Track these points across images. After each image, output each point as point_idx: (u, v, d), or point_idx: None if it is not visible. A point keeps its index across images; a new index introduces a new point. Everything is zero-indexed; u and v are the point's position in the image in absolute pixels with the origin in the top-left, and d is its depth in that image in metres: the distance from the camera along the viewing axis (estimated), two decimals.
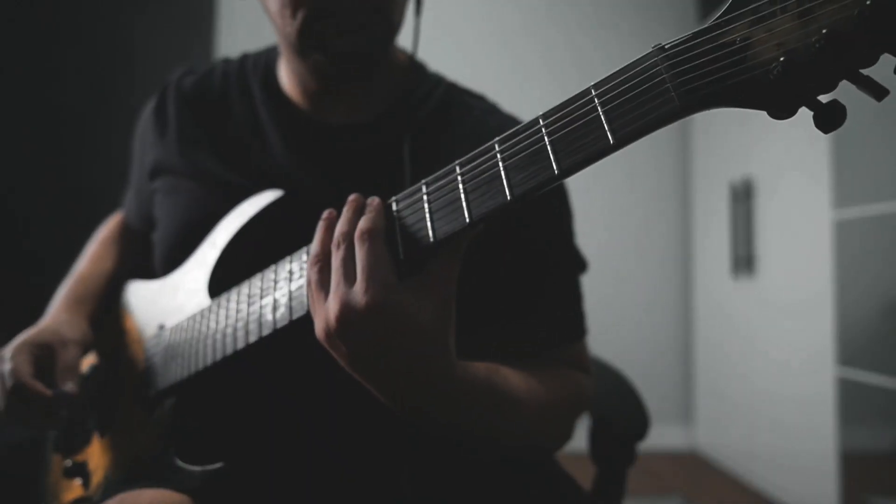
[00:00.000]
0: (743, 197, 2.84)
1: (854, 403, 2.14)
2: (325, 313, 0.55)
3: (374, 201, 0.58)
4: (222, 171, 0.82)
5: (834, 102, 0.41)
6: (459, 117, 0.83)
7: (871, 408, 2.06)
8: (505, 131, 0.52)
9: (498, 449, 0.71)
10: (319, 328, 0.56)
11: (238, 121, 0.84)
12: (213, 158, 0.83)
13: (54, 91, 2.15)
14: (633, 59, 0.49)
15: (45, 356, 0.77)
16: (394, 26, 0.77)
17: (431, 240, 0.54)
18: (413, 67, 0.86)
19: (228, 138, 0.84)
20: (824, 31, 0.38)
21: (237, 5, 3.40)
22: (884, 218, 2.00)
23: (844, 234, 2.18)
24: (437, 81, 0.88)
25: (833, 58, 0.39)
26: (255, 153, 0.82)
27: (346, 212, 0.58)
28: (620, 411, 0.97)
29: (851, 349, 2.15)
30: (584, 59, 3.53)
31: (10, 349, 0.77)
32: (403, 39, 0.87)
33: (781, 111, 0.42)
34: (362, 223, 0.55)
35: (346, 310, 0.53)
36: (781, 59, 0.40)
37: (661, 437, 3.17)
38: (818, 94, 0.41)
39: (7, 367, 0.74)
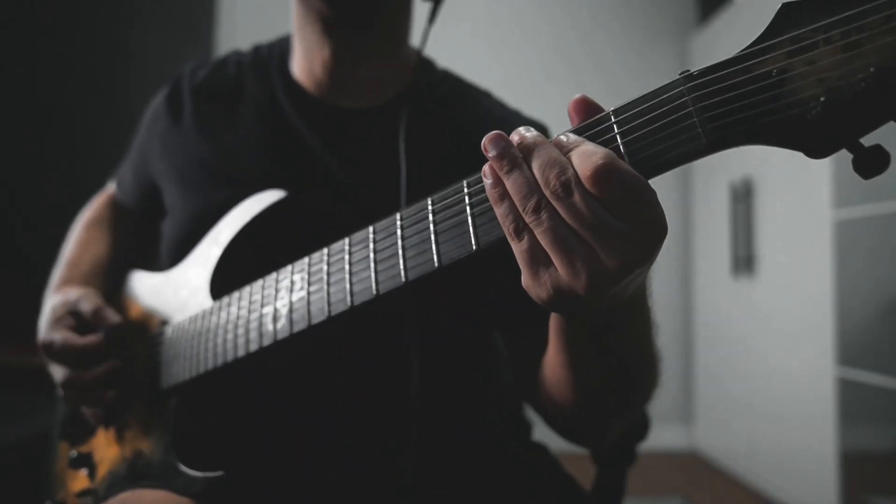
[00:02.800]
0: (743, 197, 2.84)
1: (854, 403, 2.14)
2: (593, 267, 0.43)
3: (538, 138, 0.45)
4: (237, 161, 0.81)
5: (877, 148, 0.37)
6: (467, 108, 0.84)
7: (871, 408, 2.06)
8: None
9: (628, 382, 0.65)
10: (582, 285, 0.43)
11: (254, 109, 0.84)
12: (227, 148, 0.83)
13: (54, 91, 2.15)
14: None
15: (75, 322, 0.81)
16: None
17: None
18: (422, 63, 0.87)
19: (244, 127, 0.84)
20: (872, 69, 0.35)
21: (237, 5, 3.40)
22: (884, 218, 1.99)
23: (844, 234, 2.18)
24: (446, 75, 0.89)
25: (880, 99, 0.35)
26: (273, 140, 0.82)
27: (538, 164, 0.44)
28: None
29: (851, 349, 2.15)
30: (584, 58, 3.53)
31: (45, 335, 0.81)
32: (413, 42, 0.88)
33: (818, 153, 0.39)
34: (586, 166, 0.42)
35: (629, 256, 0.42)
36: (822, 98, 0.36)
37: (661, 437, 3.17)
38: (860, 137, 0.37)
39: (57, 346, 0.78)
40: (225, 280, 0.75)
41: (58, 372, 0.80)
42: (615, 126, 0.44)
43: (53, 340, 0.78)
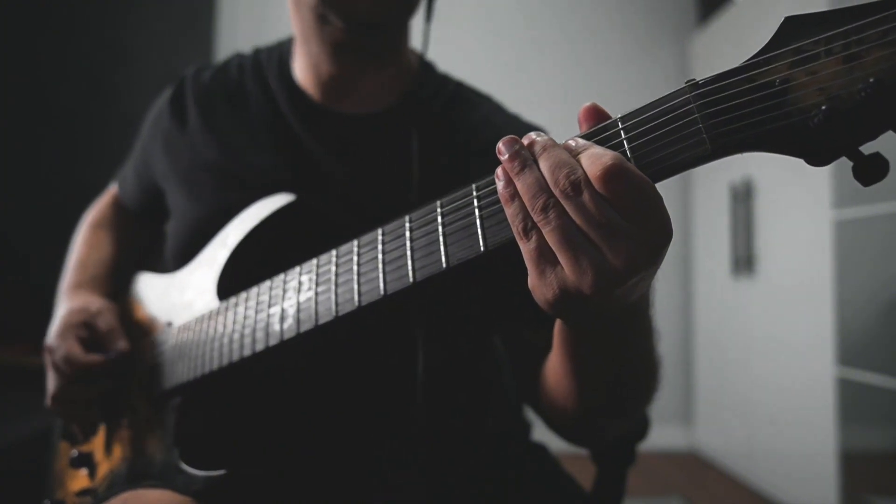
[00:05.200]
0: (743, 197, 2.84)
1: (854, 403, 2.14)
2: (599, 266, 0.43)
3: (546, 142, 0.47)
4: (241, 163, 0.82)
5: (876, 156, 0.38)
6: (467, 114, 0.84)
7: (871, 408, 2.06)
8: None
9: (626, 383, 0.64)
10: (588, 284, 0.43)
11: (256, 112, 0.85)
12: (231, 150, 0.83)
13: (53, 91, 2.14)
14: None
15: (86, 334, 0.81)
16: (412, 1, 0.78)
17: (444, 265, 0.52)
18: (422, 66, 0.87)
19: (247, 130, 0.84)
20: (871, 79, 0.36)
21: (237, 5, 3.40)
22: (884, 218, 1.99)
23: (844, 234, 2.18)
24: (446, 80, 0.89)
25: (880, 108, 0.36)
26: (275, 143, 0.82)
27: (548, 163, 0.45)
28: None
29: (851, 349, 2.15)
30: (584, 59, 3.53)
31: (54, 339, 0.80)
32: (414, 43, 0.88)
33: (819, 160, 0.40)
34: (596, 166, 0.43)
35: (634, 257, 0.43)
36: (823, 106, 0.38)
37: (661, 437, 3.16)
38: (860, 145, 0.39)
39: (59, 354, 0.78)
40: (232, 282, 0.75)
41: (51, 381, 0.81)
42: (622, 132, 0.45)
43: (58, 349, 0.79)
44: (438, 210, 0.54)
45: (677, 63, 3.53)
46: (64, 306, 0.86)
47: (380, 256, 0.58)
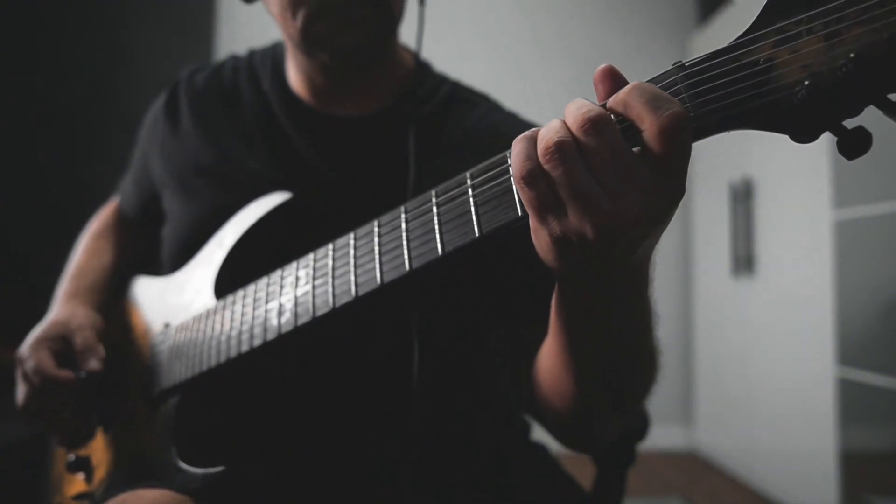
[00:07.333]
0: (743, 197, 2.84)
1: (854, 403, 2.14)
2: (610, 210, 0.42)
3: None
4: (236, 165, 0.82)
5: (859, 129, 0.39)
6: (463, 113, 0.84)
7: (871, 408, 2.06)
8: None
9: (624, 365, 0.63)
10: (591, 232, 0.43)
11: (250, 115, 0.85)
12: (226, 152, 0.83)
13: (53, 93, 2.14)
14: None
15: (61, 347, 0.79)
16: (395, 18, 0.78)
17: (440, 252, 0.53)
18: (418, 66, 0.87)
19: (241, 132, 0.84)
20: (852, 54, 0.37)
21: (237, 5, 3.40)
22: (884, 218, 1.99)
23: (844, 234, 2.18)
24: (442, 79, 0.89)
25: (860, 83, 0.37)
26: (269, 146, 0.82)
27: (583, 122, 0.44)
28: None
29: (851, 349, 2.15)
30: (583, 59, 3.53)
31: (26, 349, 0.79)
32: (408, 38, 0.87)
33: (804, 136, 0.41)
34: (664, 109, 0.42)
35: (648, 208, 0.43)
36: (806, 82, 0.39)
37: (661, 437, 3.16)
38: (843, 119, 0.40)
39: (29, 365, 0.77)
40: (229, 281, 0.75)
41: (20, 390, 0.80)
42: (612, 115, 0.46)
43: (29, 359, 0.78)
44: (433, 199, 0.54)
45: None
46: (50, 315, 0.85)
47: (376, 248, 0.58)
